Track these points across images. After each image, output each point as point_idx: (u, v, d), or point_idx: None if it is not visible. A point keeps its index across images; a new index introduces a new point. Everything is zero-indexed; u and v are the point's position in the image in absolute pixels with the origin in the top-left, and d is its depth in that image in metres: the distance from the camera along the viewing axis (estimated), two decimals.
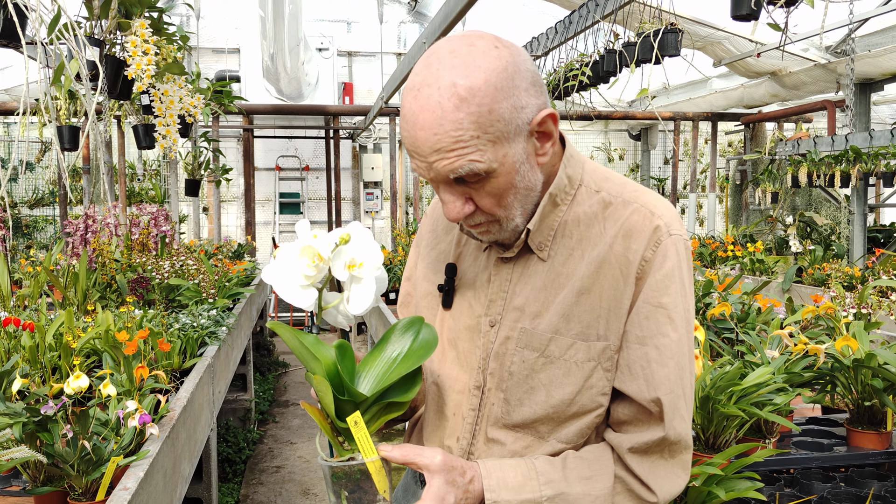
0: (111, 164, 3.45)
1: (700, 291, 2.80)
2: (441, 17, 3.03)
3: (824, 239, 6.19)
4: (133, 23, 3.01)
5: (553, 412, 1.08)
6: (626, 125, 9.83)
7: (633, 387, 1.05)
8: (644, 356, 1.05)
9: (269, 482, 4.31)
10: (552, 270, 1.10)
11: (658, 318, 1.05)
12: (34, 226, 8.32)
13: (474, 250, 1.19)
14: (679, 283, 1.06)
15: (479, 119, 0.96)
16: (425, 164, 1.00)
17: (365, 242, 1.07)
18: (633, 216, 1.08)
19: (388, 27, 9.13)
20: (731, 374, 1.71)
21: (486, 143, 0.97)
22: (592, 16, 3.71)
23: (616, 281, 1.06)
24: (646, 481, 1.05)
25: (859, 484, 1.85)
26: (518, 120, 0.99)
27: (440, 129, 0.96)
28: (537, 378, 1.08)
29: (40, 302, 2.99)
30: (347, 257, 1.05)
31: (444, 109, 0.95)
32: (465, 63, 0.97)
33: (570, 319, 1.07)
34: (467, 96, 0.95)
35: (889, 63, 5.46)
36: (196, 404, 2.40)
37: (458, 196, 1.03)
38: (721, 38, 5.73)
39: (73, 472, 1.54)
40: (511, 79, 0.98)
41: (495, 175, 1.00)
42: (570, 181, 1.11)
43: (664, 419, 1.04)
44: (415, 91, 0.98)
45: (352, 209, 9.31)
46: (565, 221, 1.10)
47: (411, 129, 0.99)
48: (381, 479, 0.98)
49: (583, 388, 1.07)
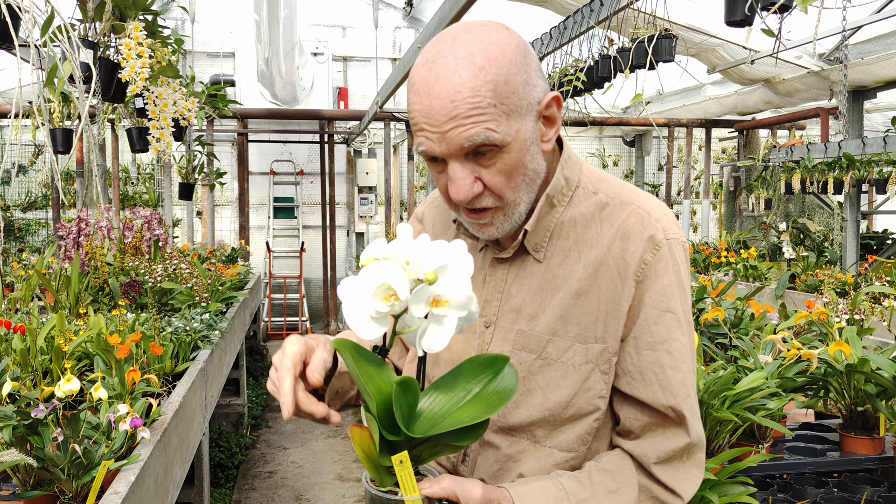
0: (105, 167, 3.44)
1: (694, 297, 2.81)
2: (436, 22, 3.03)
3: (817, 245, 6.21)
4: (127, 25, 3.00)
5: (549, 415, 1.07)
6: (621, 131, 9.85)
7: (647, 393, 1.04)
8: (657, 361, 1.04)
9: (261, 487, 4.29)
10: (549, 272, 1.09)
11: (668, 322, 1.04)
12: (27, 229, 8.29)
13: (469, 250, 1.18)
14: (681, 286, 1.07)
15: (497, 88, 0.95)
16: (437, 134, 0.97)
17: (458, 273, 0.89)
18: (630, 218, 1.07)
19: (384, 32, 9.14)
20: (725, 378, 1.71)
21: (501, 115, 0.96)
22: (587, 21, 3.72)
23: (614, 283, 1.05)
24: (672, 487, 1.05)
25: (852, 489, 1.85)
26: (529, 97, 0.99)
27: (458, 97, 0.95)
28: (534, 380, 1.07)
29: (32, 305, 2.98)
30: (431, 295, 0.88)
31: (462, 77, 0.95)
32: (479, 38, 0.98)
33: (568, 321, 1.06)
34: (485, 65, 0.95)
35: (882, 71, 5.49)
36: (188, 408, 2.39)
37: (469, 173, 1.00)
38: (715, 45, 5.75)
39: (63, 476, 1.53)
40: (524, 56, 0.99)
41: (508, 149, 0.99)
42: (568, 182, 1.11)
43: (685, 424, 1.04)
44: (429, 63, 0.98)
45: (346, 214, 9.30)
46: (562, 222, 1.10)
47: (425, 99, 0.97)
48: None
49: (580, 391, 1.06)
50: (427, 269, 0.87)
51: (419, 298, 0.87)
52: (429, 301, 0.88)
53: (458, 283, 0.88)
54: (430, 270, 0.86)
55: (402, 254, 0.89)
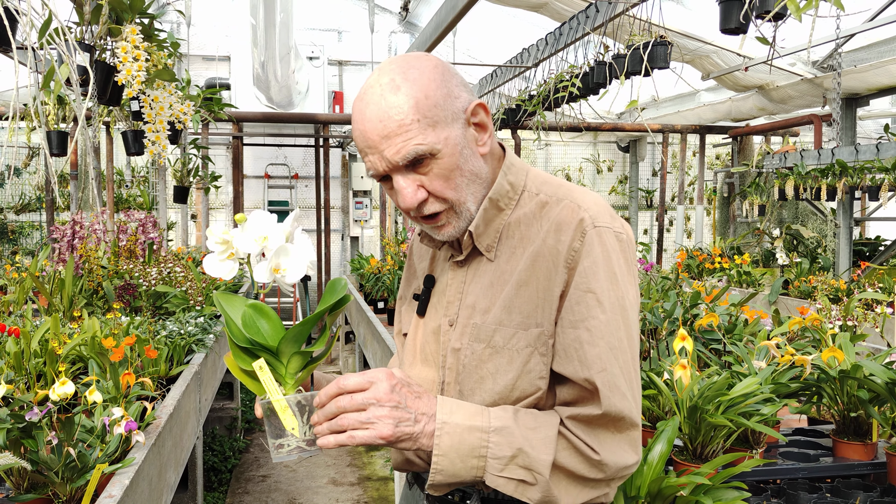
0: (99, 169, 3.43)
1: (688, 303, 2.81)
2: (432, 28, 3.04)
3: (811, 252, 6.23)
4: (124, 28, 3.00)
5: (499, 398, 1.15)
6: (615, 137, 9.88)
7: (569, 368, 1.11)
8: (577, 339, 1.11)
9: (254, 491, 4.28)
10: (497, 269, 1.19)
11: (587, 301, 1.11)
12: (20, 231, 8.26)
13: (442, 262, 1.29)
14: (607, 270, 1.12)
15: (418, 103, 1.09)
16: (377, 155, 1.11)
17: (267, 225, 1.23)
18: (562, 211, 1.16)
19: (379, 37, 9.16)
20: (719, 384, 1.72)
21: (426, 127, 1.09)
22: (583, 28, 3.74)
23: (549, 271, 1.14)
24: (590, 444, 1.09)
25: (845, 494, 1.86)
26: (453, 107, 1.12)
27: (385, 116, 1.09)
28: (485, 368, 1.16)
29: (25, 308, 2.97)
30: (256, 233, 1.21)
31: (386, 98, 1.09)
32: (399, 65, 1.12)
33: (512, 311, 1.15)
34: (403, 85, 1.09)
35: (874, 78, 5.52)
36: (182, 412, 2.39)
37: (411, 182, 1.13)
38: (709, 52, 5.78)
39: (57, 479, 1.53)
40: (442, 74, 1.13)
41: (441, 155, 1.11)
42: (513, 187, 1.21)
43: (600, 396, 1.08)
44: (361, 94, 1.13)
45: (341, 218, 9.30)
46: (509, 224, 1.20)
47: (360, 126, 1.12)
48: (288, 416, 1.13)
49: (522, 373, 1.14)
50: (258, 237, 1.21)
51: (238, 235, 1.22)
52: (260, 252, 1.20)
53: (270, 227, 1.22)
54: (236, 217, 1.23)
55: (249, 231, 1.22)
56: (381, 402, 1.06)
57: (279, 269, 1.20)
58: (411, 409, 1.08)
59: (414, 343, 1.29)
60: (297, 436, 1.13)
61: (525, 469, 1.07)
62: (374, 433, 1.05)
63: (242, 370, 1.18)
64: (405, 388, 1.09)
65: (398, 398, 1.07)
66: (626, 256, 1.15)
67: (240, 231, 1.22)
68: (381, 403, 1.06)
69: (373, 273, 5.95)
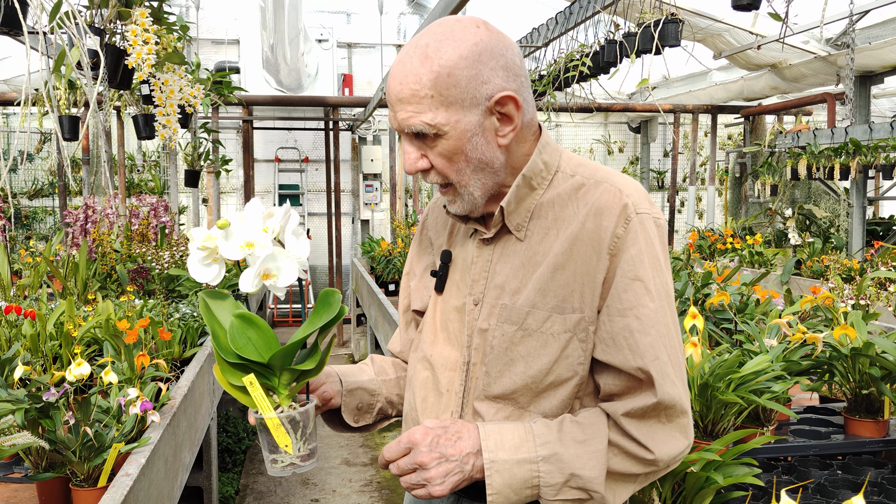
0: (111, 154, 3.45)
1: (699, 282, 2.81)
2: (441, 8, 3.02)
3: (823, 231, 6.19)
4: (133, 12, 3.00)
5: (531, 382, 1.13)
6: (626, 118, 9.81)
7: (619, 357, 1.10)
8: (626, 327, 1.09)
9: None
10: (529, 249, 1.16)
11: (636, 289, 1.10)
12: (33, 216, 8.31)
13: (462, 237, 1.26)
14: (651, 257, 1.11)
15: (438, 79, 1.06)
16: (393, 113, 1.11)
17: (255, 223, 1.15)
18: (603, 195, 1.14)
19: (388, 18, 9.11)
20: (730, 361, 1.72)
21: (438, 105, 1.07)
22: (593, 6, 3.71)
23: (589, 256, 1.12)
24: (643, 442, 1.09)
25: (856, 471, 1.86)
26: (476, 92, 1.08)
27: (404, 80, 1.08)
28: (516, 350, 1.14)
29: (40, 292, 3.00)
30: (241, 239, 1.14)
31: (412, 63, 1.07)
32: (443, 32, 1.08)
33: (546, 294, 1.13)
34: (432, 55, 1.06)
35: (889, 56, 5.45)
36: (197, 393, 2.41)
37: (415, 149, 1.13)
38: (721, 30, 5.71)
39: (74, 458, 1.55)
40: (479, 54, 1.08)
41: (446, 137, 1.09)
42: (547, 166, 1.18)
43: (654, 384, 1.07)
44: (403, 48, 1.12)
45: (351, 201, 9.30)
46: (541, 204, 1.17)
47: (389, 80, 1.11)
48: (281, 434, 1.11)
49: (559, 358, 1.12)
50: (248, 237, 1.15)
51: (226, 239, 1.15)
52: (240, 245, 1.14)
53: (264, 242, 1.14)
54: (219, 222, 1.15)
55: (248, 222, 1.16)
56: (425, 465, 1.07)
57: (269, 274, 1.14)
58: (455, 456, 1.08)
59: (434, 321, 1.27)
60: (291, 453, 1.12)
61: (579, 489, 1.08)
62: (429, 492, 1.07)
63: (232, 384, 1.13)
64: (443, 437, 1.09)
65: (439, 453, 1.08)
66: (663, 243, 1.15)
67: (223, 237, 1.14)
68: (426, 466, 1.07)
69: (383, 255, 5.96)
